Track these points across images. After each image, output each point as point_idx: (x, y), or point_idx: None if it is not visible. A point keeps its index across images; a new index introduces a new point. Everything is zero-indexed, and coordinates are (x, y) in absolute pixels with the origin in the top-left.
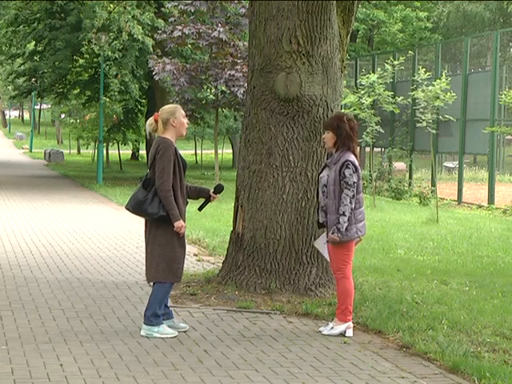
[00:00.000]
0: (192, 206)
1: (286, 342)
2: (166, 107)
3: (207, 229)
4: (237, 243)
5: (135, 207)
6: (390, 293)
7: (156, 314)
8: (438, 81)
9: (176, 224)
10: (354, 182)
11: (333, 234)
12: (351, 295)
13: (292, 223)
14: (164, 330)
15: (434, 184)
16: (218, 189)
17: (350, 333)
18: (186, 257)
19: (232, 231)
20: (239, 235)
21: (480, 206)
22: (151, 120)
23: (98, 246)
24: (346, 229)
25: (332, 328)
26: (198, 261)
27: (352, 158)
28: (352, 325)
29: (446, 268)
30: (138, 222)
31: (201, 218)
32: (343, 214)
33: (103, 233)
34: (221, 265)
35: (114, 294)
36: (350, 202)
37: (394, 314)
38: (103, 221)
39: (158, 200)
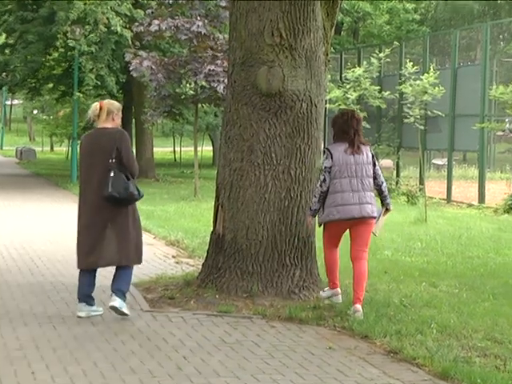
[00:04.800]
0: (170, 206)
1: (269, 348)
2: (115, 102)
3: (186, 229)
4: (217, 244)
5: (123, 192)
6: (377, 296)
7: None
8: (425, 75)
9: None
10: (326, 167)
11: None
12: (329, 266)
13: (274, 223)
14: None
15: (422, 182)
16: None
17: (337, 299)
18: (164, 259)
19: (212, 232)
20: (219, 236)
21: (470, 205)
22: (97, 106)
23: (71, 248)
24: (316, 210)
25: (324, 291)
26: (177, 263)
27: (330, 146)
28: (339, 292)
29: (435, 269)
30: None
31: (180, 219)
32: (314, 196)
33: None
34: (200, 267)
35: None
36: (320, 186)
37: (381, 318)
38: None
39: (133, 183)
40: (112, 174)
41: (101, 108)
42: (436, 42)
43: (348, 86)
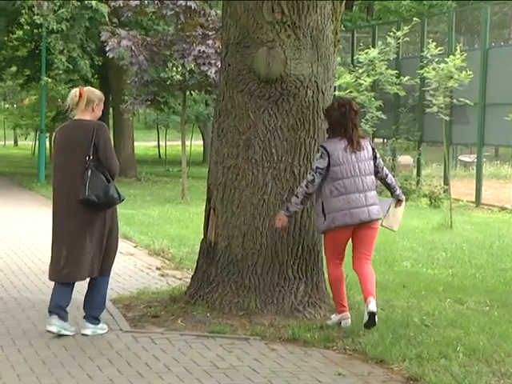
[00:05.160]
0: (154, 210)
1: (269, 374)
2: (97, 91)
3: (173, 237)
4: (208, 254)
5: (103, 196)
6: (394, 314)
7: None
8: (451, 57)
9: None
10: (318, 167)
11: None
12: (334, 286)
13: (275, 230)
14: (103, 325)
15: (447, 182)
16: None
17: (345, 323)
18: (147, 271)
19: (203, 240)
20: (211, 244)
21: (503, 209)
22: (76, 92)
23: (39, 259)
24: (296, 212)
25: (331, 319)
26: (162, 276)
27: (326, 143)
28: (348, 315)
29: (462, 284)
30: None
31: (165, 224)
32: (295, 195)
33: (46, 243)
34: (189, 280)
35: None
36: (306, 186)
37: (399, 340)
38: (45, 228)
39: (114, 185)
40: (89, 174)
41: (80, 95)
42: (463, 18)
43: (361, 71)
